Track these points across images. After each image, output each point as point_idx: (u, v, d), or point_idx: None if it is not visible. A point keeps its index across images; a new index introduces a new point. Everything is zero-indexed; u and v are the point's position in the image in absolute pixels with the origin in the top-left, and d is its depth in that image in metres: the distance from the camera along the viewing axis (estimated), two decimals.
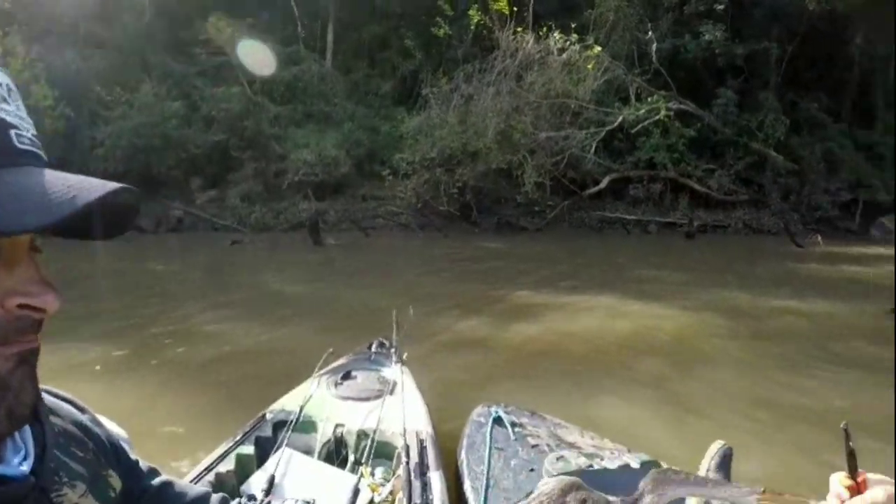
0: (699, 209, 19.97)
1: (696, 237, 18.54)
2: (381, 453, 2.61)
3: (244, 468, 2.52)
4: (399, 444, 2.58)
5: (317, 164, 16.44)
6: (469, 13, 18.09)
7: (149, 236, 15.68)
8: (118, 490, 0.87)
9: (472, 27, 18.19)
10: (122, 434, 1.50)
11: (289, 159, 16.95)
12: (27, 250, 0.65)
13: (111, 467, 0.88)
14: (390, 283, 8.85)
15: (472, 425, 2.92)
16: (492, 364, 5.98)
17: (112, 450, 0.92)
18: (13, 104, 0.62)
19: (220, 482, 2.39)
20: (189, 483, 1.15)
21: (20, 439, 0.74)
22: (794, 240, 18.79)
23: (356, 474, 2.41)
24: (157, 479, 1.01)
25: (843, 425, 1.18)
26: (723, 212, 20.76)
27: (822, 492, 1.15)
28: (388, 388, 3.07)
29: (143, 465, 0.99)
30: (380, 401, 2.89)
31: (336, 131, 17.74)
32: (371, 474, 2.47)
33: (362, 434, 2.72)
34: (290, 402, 2.94)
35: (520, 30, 17.33)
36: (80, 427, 0.87)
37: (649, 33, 20.68)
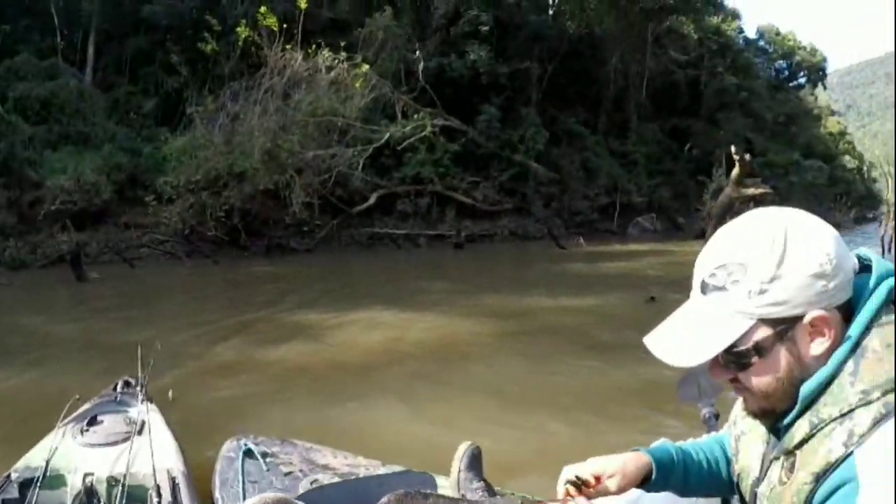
0: (466, 220, 21.44)
1: (465, 247, 19.93)
2: (135, 497, 2.57)
3: None
4: (151, 485, 2.56)
5: (75, 190, 15.26)
6: (237, 29, 18.06)
7: None
8: None
9: (240, 43, 18.21)
10: None
11: (45, 186, 15.56)
12: None
13: None
14: (155, 316, 8.90)
15: (223, 461, 2.80)
16: (249, 390, 6.01)
17: None
18: None
19: None
20: None
21: None
22: (557, 243, 20.82)
23: None
24: None
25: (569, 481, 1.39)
26: (489, 221, 22.46)
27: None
28: (135, 428, 2.96)
29: None
30: (128, 443, 2.82)
31: (95, 154, 16.72)
32: None
33: (112, 480, 2.66)
34: (34, 458, 2.78)
35: (289, 47, 17.73)
36: None
37: (417, 52, 22.23)
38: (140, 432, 2.94)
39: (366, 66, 18.56)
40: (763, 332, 1.13)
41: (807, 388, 1.13)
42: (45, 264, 14.33)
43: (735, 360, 1.17)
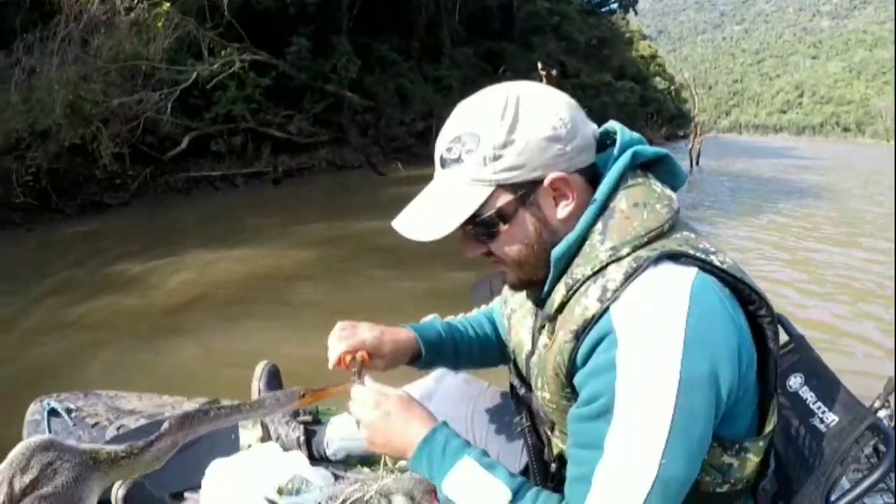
0: (283, 155, 21.45)
1: (283, 182, 20.16)
2: None
3: None
4: None
5: None
6: None
7: None
8: None
9: None
10: None
11: None
12: None
13: None
14: None
15: (28, 427, 2.71)
16: (58, 351, 5.92)
17: None
18: None
19: None
20: None
21: None
22: (376, 170, 21.55)
23: None
24: None
25: (354, 365, 1.51)
26: (306, 154, 22.60)
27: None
28: None
29: None
30: None
31: None
32: None
33: None
34: None
35: None
36: None
37: None
38: None
39: (167, 5, 17.92)
40: (504, 198, 1.19)
41: (558, 251, 1.20)
42: None
43: (482, 230, 1.23)
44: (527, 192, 1.19)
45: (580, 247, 1.19)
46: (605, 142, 1.29)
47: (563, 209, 1.21)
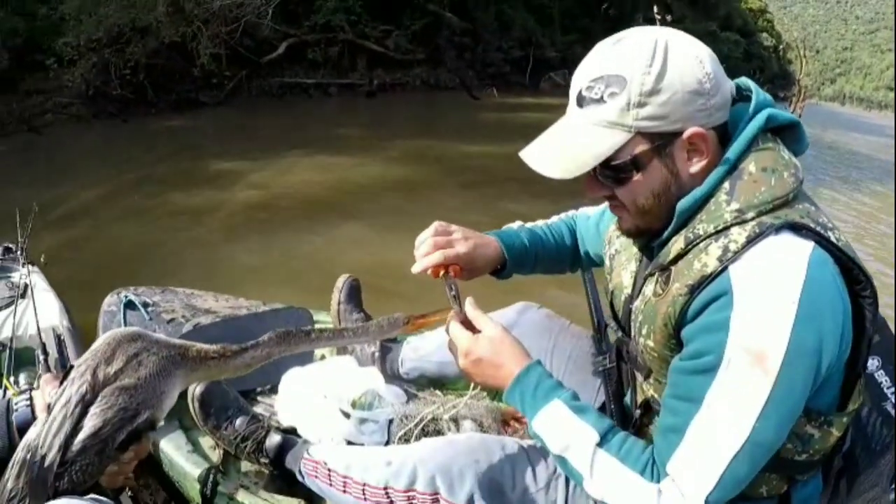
0: (378, 69, 21.30)
1: (377, 96, 20.07)
2: (24, 360, 2.52)
3: None
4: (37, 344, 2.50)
5: None
6: None
7: None
8: None
9: None
10: None
11: None
12: None
13: None
14: (58, 180, 8.36)
15: (105, 316, 2.69)
16: (145, 242, 5.97)
17: None
18: None
19: None
20: None
21: None
22: (470, 93, 21.29)
23: (1, 390, 2.34)
24: None
25: (448, 280, 1.50)
26: (401, 70, 22.34)
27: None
28: (18, 292, 2.88)
29: None
30: (11, 308, 2.75)
31: None
32: (15, 384, 2.37)
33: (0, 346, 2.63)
34: None
35: None
36: None
37: None
38: (24, 296, 2.89)
39: None
40: (641, 146, 1.18)
41: (683, 204, 1.20)
42: None
43: (613, 174, 1.22)
44: (664, 143, 1.18)
45: (705, 203, 1.18)
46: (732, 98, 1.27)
47: (696, 164, 1.20)
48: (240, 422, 1.98)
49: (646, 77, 1.13)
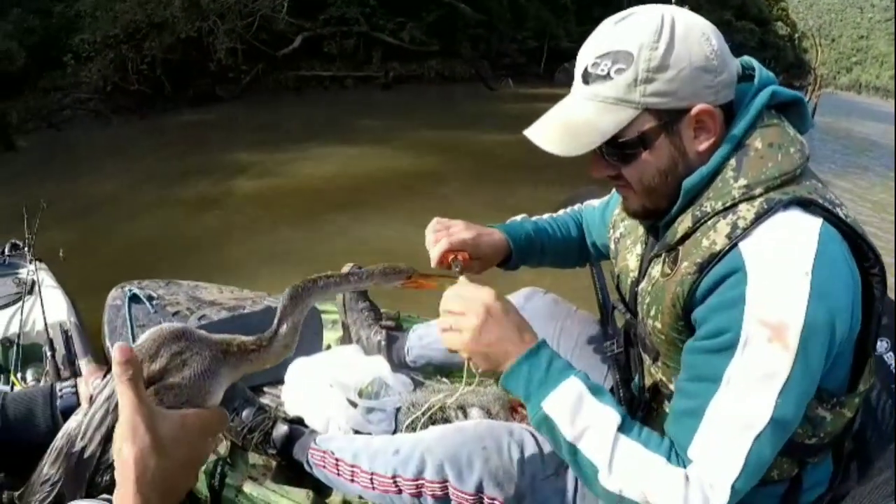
0: (393, 61, 21.30)
1: (393, 88, 20.14)
2: (31, 355, 2.55)
3: None
4: (44, 340, 2.52)
5: None
6: None
7: None
8: None
9: None
10: None
11: None
12: None
13: None
14: (76, 175, 8.52)
15: (110, 310, 2.70)
16: (155, 236, 5.98)
17: None
18: None
19: None
20: None
21: None
22: (486, 84, 21.23)
23: (8, 386, 2.38)
24: None
25: (455, 264, 1.51)
26: (416, 62, 22.30)
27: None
28: (25, 289, 2.90)
29: None
30: (19, 304, 2.79)
31: (3, 20, 14.75)
32: (22, 380, 2.42)
33: (7, 342, 2.64)
34: None
35: None
36: None
37: None
38: (31, 292, 2.89)
39: None
40: (649, 123, 1.15)
41: (690, 182, 1.18)
42: None
43: (619, 151, 1.20)
44: (672, 120, 1.16)
45: (711, 180, 1.16)
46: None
47: (703, 142, 1.18)
48: (246, 413, 1.97)
49: (653, 53, 1.11)
